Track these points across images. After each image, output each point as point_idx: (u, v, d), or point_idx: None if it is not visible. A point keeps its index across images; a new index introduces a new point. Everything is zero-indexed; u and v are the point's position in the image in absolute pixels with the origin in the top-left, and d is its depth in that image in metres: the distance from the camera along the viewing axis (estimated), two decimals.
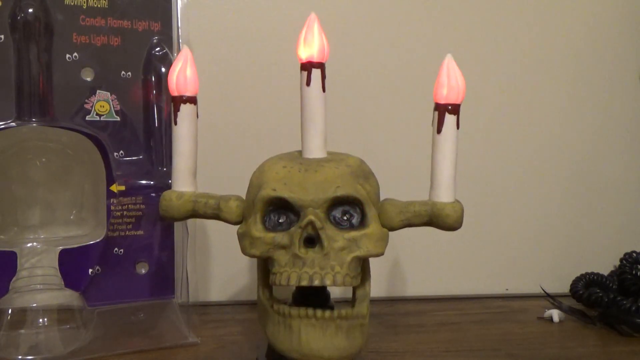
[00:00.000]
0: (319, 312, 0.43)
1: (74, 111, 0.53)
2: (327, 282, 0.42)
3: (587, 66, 0.77)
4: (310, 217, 0.43)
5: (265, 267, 0.47)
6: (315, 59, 0.45)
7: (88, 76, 0.53)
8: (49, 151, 0.55)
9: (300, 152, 0.48)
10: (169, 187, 0.50)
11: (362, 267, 0.46)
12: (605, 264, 0.75)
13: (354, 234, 0.44)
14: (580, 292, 0.70)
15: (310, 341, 0.43)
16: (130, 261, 0.55)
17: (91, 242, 0.54)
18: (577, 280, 0.72)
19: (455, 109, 0.46)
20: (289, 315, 0.44)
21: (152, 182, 0.55)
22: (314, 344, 0.43)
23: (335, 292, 0.51)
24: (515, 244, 0.77)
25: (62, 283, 0.53)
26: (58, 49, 0.52)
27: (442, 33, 0.73)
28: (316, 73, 0.45)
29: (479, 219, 0.74)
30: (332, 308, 0.49)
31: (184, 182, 0.48)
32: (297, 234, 0.43)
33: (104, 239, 0.54)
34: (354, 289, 0.47)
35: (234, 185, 0.51)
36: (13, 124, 0.50)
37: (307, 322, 0.43)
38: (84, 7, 0.53)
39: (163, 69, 0.56)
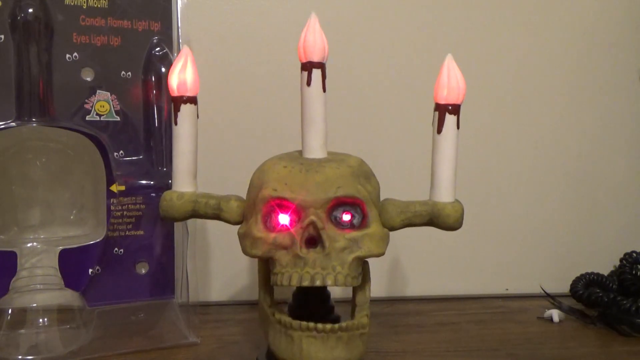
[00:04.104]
0: (319, 326, 0.43)
1: (74, 111, 0.53)
2: (329, 282, 0.43)
3: (587, 66, 0.77)
4: (312, 218, 0.43)
5: (266, 271, 0.47)
6: (316, 59, 0.45)
7: (88, 76, 0.53)
8: (49, 151, 0.55)
9: (300, 152, 0.48)
10: (169, 187, 0.50)
11: (363, 270, 0.46)
12: (605, 264, 0.75)
13: (355, 234, 0.44)
14: (580, 292, 0.70)
15: (311, 352, 0.43)
16: (130, 261, 0.55)
17: (91, 242, 0.54)
18: (577, 280, 0.72)
19: (455, 109, 0.46)
20: (290, 326, 0.44)
21: (152, 182, 0.55)
22: (314, 355, 0.43)
23: (335, 292, 0.51)
24: (515, 244, 0.77)
25: (62, 283, 0.53)
26: (58, 49, 0.52)
27: (443, 33, 0.73)
28: (316, 73, 0.45)
29: (479, 219, 0.74)
30: (332, 310, 0.50)
31: (184, 182, 0.48)
32: (298, 234, 0.43)
33: (104, 239, 0.54)
34: (354, 294, 0.47)
35: (234, 185, 0.51)
36: (13, 124, 0.50)
37: (308, 334, 0.44)
38: (84, 7, 0.53)
39: (163, 69, 0.55)
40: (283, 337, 0.45)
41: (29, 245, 0.53)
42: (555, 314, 0.67)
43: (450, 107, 0.46)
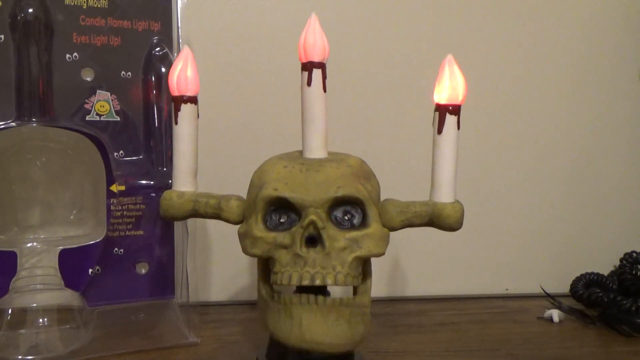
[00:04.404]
0: (320, 298, 0.43)
1: (74, 111, 0.53)
2: (329, 281, 0.43)
3: (587, 66, 0.77)
4: (312, 217, 0.43)
5: (265, 264, 0.47)
6: (316, 59, 0.45)
7: (88, 76, 0.53)
8: (49, 151, 0.55)
9: (300, 152, 0.48)
10: (169, 187, 0.50)
11: (364, 266, 0.46)
12: (605, 264, 0.75)
13: (355, 233, 0.44)
14: (580, 292, 0.70)
15: (312, 328, 0.43)
16: (130, 261, 0.55)
17: (91, 242, 0.54)
18: (577, 280, 0.72)
19: (455, 110, 0.46)
20: (290, 302, 0.44)
21: (152, 182, 0.55)
22: (315, 330, 0.43)
23: (335, 292, 0.51)
24: (515, 244, 0.77)
25: (62, 283, 0.53)
26: (58, 49, 0.52)
27: (443, 33, 0.73)
28: (317, 73, 0.45)
29: (479, 219, 0.74)
30: None
31: (184, 181, 0.48)
32: (299, 234, 0.43)
33: (104, 239, 0.54)
34: (355, 286, 0.47)
35: (234, 185, 0.51)
36: (13, 124, 0.50)
37: (308, 309, 0.43)
38: (84, 7, 0.53)
39: (163, 69, 0.55)
40: (283, 315, 0.44)
41: (29, 245, 0.53)
42: (555, 314, 0.67)
43: (450, 108, 0.46)
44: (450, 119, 0.46)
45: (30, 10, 0.50)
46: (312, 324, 0.43)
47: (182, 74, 0.47)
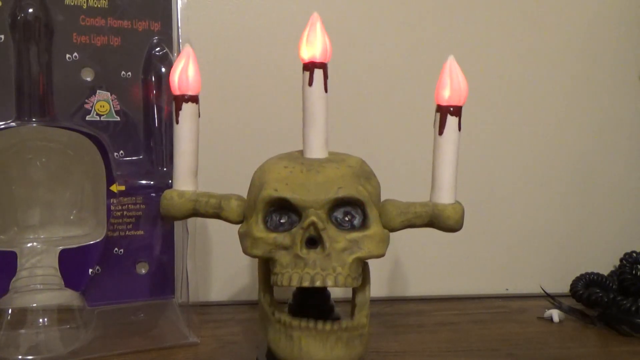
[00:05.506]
0: (319, 325, 0.44)
1: (74, 111, 0.53)
2: (329, 282, 0.42)
3: (587, 66, 0.77)
4: (312, 218, 0.43)
5: (266, 270, 0.47)
6: (318, 59, 0.45)
7: (88, 76, 0.53)
8: (49, 151, 0.55)
9: (301, 152, 0.48)
10: (169, 187, 0.50)
11: (362, 271, 0.46)
12: (605, 264, 0.75)
13: (355, 234, 0.44)
14: (580, 292, 0.70)
15: (311, 351, 0.44)
16: (130, 261, 0.55)
17: (91, 242, 0.54)
18: (577, 280, 0.72)
19: (457, 111, 0.46)
20: (290, 325, 0.44)
21: (152, 182, 0.55)
22: (314, 354, 0.44)
23: (335, 292, 0.51)
24: (515, 244, 0.77)
25: (62, 283, 0.53)
26: (58, 49, 0.52)
27: (445, 34, 0.73)
28: (318, 73, 0.45)
29: (479, 220, 0.74)
30: (332, 310, 0.50)
31: (185, 181, 0.48)
32: (299, 235, 0.43)
33: (104, 239, 0.54)
34: (354, 294, 0.47)
35: (235, 184, 0.51)
36: (13, 124, 0.50)
37: (307, 334, 0.44)
38: (84, 7, 0.53)
39: (163, 69, 0.55)
40: (283, 336, 0.45)
41: (29, 245, 0.53)
42: (555, 314, 0.67)
43: (452, 109, 0.46)
44: (451, 120, 0.46)
45: (30, 10, 0.50)
46: (311, 348, 0.44)
47: (184, 73, 0.47)
